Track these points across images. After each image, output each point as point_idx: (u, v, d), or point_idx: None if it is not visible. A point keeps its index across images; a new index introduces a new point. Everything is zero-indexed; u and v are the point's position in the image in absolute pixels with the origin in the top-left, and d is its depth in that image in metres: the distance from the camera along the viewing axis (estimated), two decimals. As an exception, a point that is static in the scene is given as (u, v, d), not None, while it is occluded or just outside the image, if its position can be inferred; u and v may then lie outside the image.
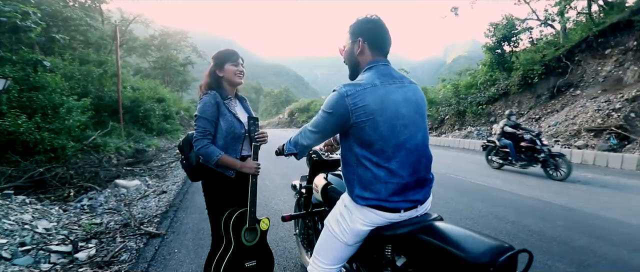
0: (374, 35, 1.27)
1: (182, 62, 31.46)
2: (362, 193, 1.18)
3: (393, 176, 1.16)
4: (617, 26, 12.37)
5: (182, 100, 29.61)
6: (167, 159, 8.45)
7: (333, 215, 1.33)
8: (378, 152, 1.16)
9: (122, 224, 3.29)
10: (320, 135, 1.28)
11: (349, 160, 1.23)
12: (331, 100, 1.19)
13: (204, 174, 1.78)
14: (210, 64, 1.80)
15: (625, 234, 3.10)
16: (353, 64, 1.33)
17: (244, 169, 1.70)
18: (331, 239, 1.31)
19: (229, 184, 1.76)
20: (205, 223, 3.28)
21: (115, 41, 11.55)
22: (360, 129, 1.15)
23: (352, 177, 1.22)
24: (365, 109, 1.14)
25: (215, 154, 1.65)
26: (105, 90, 10.84)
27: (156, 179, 5.98)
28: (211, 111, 1.67)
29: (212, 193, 1.78)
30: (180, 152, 1.86)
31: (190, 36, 33.16)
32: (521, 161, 6.67)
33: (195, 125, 1.69)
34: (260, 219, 1.80)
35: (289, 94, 72.16)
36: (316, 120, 1.26)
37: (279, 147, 1.53)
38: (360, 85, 1.17)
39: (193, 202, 4.17)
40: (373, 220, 1.20)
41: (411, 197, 1.19)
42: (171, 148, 10.69)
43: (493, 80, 16.28)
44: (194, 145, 1.68)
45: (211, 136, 1.69)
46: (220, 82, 1.77)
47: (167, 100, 15.12)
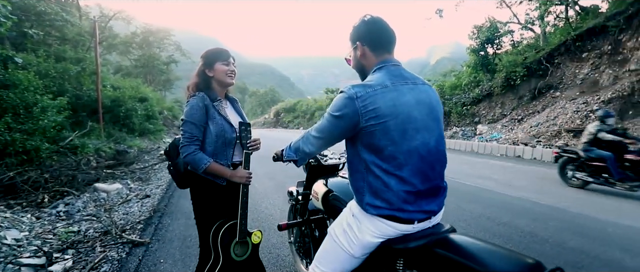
0: (372, 36, 1.21)
1: (166, 60, 30.70)
2: (373, 201, 1.10)
3: (405, 184, 1.08)
4: (593, 31, 12.86)
5: (166, 99, 28.82)
6: (150, 160, 8.15)
7: (339, 224, 1.24)
8: (388, 159, 1.08)
9: (102, 231, 3.09)
10: (325, 141, 1.18)
11: (358, 166, 1.15)
12: (339, 102, 1.10)
13: (192, 181, 1.65)
14: (199, 63, 1.67)
15: (613, 234, 3.16)
16: (360, 69, 1.27)
17: (234, 179, 1.58)
18: (336, 249, 1.22)
19: (219, 192, 1.63)
20: (193, 230, 3.12)
21: (94, 38, 11.06)
22: (370, 133, 1.07)
23: (361, 184, 1.14)
24: (376, 112, 1.06)
25: (203, 161, 1.52)
26: (83, 89, 10.37)
27: (139, 182, 5.72)
28: (199, 115, 1.55)
29: (201, 202, 1.65)
30: (167, 158, 1.73)
31: (173, 34, 32.36)
32: (629, 180, 4.76)
33: (182, 130, 1.56)
34: (251, 232, 1.67)
35: (275, 94, 71.67)
36: (321, 125, 1.17)
37: (277, 152, 1.43)
38: (370, 86, 1.09)
39: (179, 207, 3.99)
40: (384, 231, 1.11)
41: (425, 207, 1.11)
42: (154, 149, 10.34)
43: (477, 82, 16.62)
44: (180, 151, 1.55)
45: (199, 141, 1.56)
46: (210, 82, 1.65)
47: (149, 99, 14.64)
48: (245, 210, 1.59)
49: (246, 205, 1.60)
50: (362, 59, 1.23)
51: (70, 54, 11.20)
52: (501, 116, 14.28)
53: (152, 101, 14.85)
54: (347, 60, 1.32)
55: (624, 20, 11.88)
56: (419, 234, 1.10)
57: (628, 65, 11.36)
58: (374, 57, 1.21)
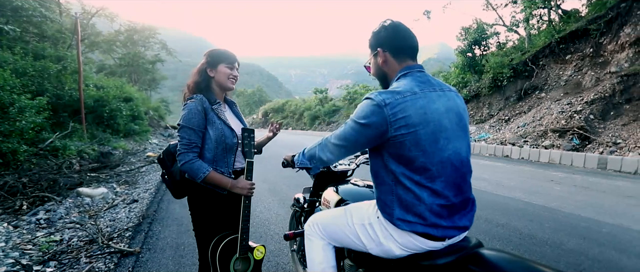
0: (393, 42, 1.15)
1: (151, 59, 29.99)
2: (405, 216, 1.03)
3: (438, 197, 1.01)
4: (576, 34, 13.24)
5: (151, 99, 28.15)
6: (137, 162, 7.88)
7: (360, 215, 1.18)
8: (420, 170, 1.01)
9: (87, 240, 2.91)
10: (347, 149, 1.10)
11: (385, 178, 1.07)
12: (365, 109, 1.02)
13: (190, 189, 1.53)
14: (201, 61, 1.56)
15: (606, 234, 3.19)
16: (381, 76, 1.21)
17: (235, 190, 1.47)
18: (345, 229, 1.20)
19: (220, 201, 1.52)
20: (186, 237, 2.99)
21: (75, 35, 10.65)
22: (400, 143, 1.00)
23: (389, 197, 1.06)
24: (406, 121, 0.99)
25: (201, 170, 1.41)
26: (64, 89, 9.97)
27: (125, 185, 5.50)
28: (197, 119, 1.43)
29: (200, 212, 1.53)
30: (161, 166, 1.60)
31: (159, 33, 31.64)
32: None
33: (179, 135, 1.45)
34: (254, 246, 1.55)
35: (263, 94, 71.16)
36: (344, 132, 1.09)
37: (287, 158, 1.34)
38: (399, 93, 1.02)
39: (169, 212, 3.82)
40: (412, 247, 1.04)
41: (459, 223, 1.04)
42: (140, 151, 10.03)
43: (465, 83, 16.87)
44: (178, 159, 1.43)
45: (198, 148, 1.45)
46: (210, 83, 1.55)
47: (134, 99, 14.24)
48: (247, 224, 1.48)
49: (248, 218, 1.49)
50: (384, 65, 1.17)
51: (50, 51, 10.75)
52: (489, 116, 14.53)
53: (137, 101, 14.45)
54: (366, 67, 1.27)
55: (604, 24, 12.28)
56: (447, 249, 1.04)
57: (609, 68, 11.74)
58: (396, 64, 1.15)
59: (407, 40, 1.15)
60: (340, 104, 31.25)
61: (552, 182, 5.83)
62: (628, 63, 11.12)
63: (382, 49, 1.16)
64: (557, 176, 6.52)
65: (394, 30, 1.15)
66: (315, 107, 34.02)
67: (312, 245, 1.32)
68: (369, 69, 1.27)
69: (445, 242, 1.05)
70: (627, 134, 9.19)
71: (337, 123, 28.90)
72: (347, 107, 28.41)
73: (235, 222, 1.54)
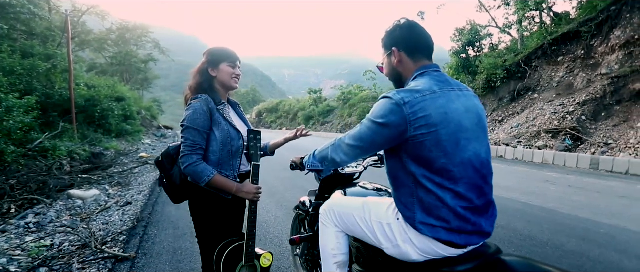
0: (409, 41, 1.12)
1: (144, 59, 29.58)
2: (427, 219, 0.99)
3: (461, 199, 0.98)
4: (568, 36, 13.43)
5: (144, 99, 27.78)
6: (130, 164, 7.72)
7: (377, 213, 1.14)
8: (441, 172, 0.97)
9: (80, 245, 2.82)
10: (363, 150, 1.06)
11: (404, 180, 1.03)
12: (383, 108, 0.98)
13: (192, 194, 1.47)
14: (201, 61, 1.50)
15: (605, 235, 3.20)
16: (395, 77, 1.17)
17: (240, 194, 1.41)
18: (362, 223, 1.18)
19: (225, 206, 1.46)
20: (183, 241, 2.91)
21: (66, 33, 10.42)
22: (419, 144, 0.96)
23: (410, 200, 1.02)
24: (426, 120, 0.95)
25: (206, 173, 1.34)
26: (54, 88, 9.76)
27: (118, 187, 5.37)
28: (203, 120, 1.37)
29: (203, 218, 1.47)
30: (160, 169, 1.52)
31: (152, 31, 31.24)
32: None
33: (183, 137, 1.38)
34: (260, 254, 1.49)
35: (257, 94, 70.90)
36: (360, 133, 1.04)
37: (296, 160, 1.29)
38: (418, 91, 0.98)
39: (165, 215, 3.73)
40: (431, 253, 1.01)
41: (483, 227, 1.01)
42: (133, 151, 9.85)
43: (458, 83, 17.01)
44: (181, 162, 1.37)
45: (202, 150, 1.38)
46: (213, 83, 1.48)
47: (127, 99, 14.03)
48: (253, 230, 1.42)
49: (254, 224, 1.43)
50: (399, 66, 1.14)
51: (39, 49, 10.51)
52: (482, 117, 14.67)
53: (129, 101, 14.24)
54: (379, 68, 1.24)
55: (595, 27, 12.48)
56: (467, 256, 1.00)
57: (600, 70, 11.92)
58: (412, 64, 1.12)
59: (422, 40, 1.12)
60: (335, 105, 31.24)
61: (547, 182, 5.87)
62: (618, 65, 11.30)
63: (397, 48, 1.13)
64: (552, 177, 6.58)
65: (410, 30, 1.12)
66: (310, 108, 33.97)
67: (326, 231, 1.31)
68: (382, 70, 1.24)
69: (466, 249, 1.01)
70: (618, 134, 9.34)
71: (331, 123, 28.88)
72: (342, 107, 28.42)
73: (240, 228, 1.48)
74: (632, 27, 11.11)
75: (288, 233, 3.09)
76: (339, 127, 25.16)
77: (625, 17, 11.69)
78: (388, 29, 1.17)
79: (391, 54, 1.15)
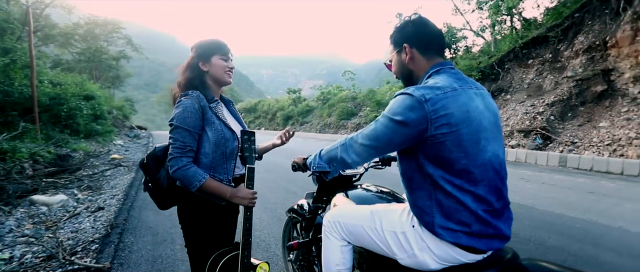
0: (422, 37, 1.07)
1: (115, 55, 28.12)
2: (446, 223, 0.93)
3: (481, 202, 0.93)
4: (537, 40, 14.14)
5: (115, 98, 26.46)
6: (101, 166, 7.28)
7: (389, 221, 1.07)
8: (461, 173, 0.92)
9: (45, 256, 2.57)
10: (377, 150, 0.99)
11: (421, 183, 0.97)
12: (402, 105, 0.92)
13: (182, 200, 1.35)
14: (191, 55, 1.38)
15: (580, 229, 3.35)
16: (406, 75, 1.12)
17: (235, 200, 1.30)
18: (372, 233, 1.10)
19: (217, 213, 1.35)
20: (163, 248, 2.74)
21: (27, 26, 9.68)
22: (439, 143, 0.91)
23: (427, 203, 0.97)
24: (448, 119, 0.90)
25: (197, 177, 1.23)
26: (14, 85, 9.03)
27: (88, 191, 5.03)
28: (194, 119, 1.25)
29: (194, 225, 1.35)
30: (145, 172, 1.39)
31: (124, 28, 29.76)
32: None
33: (171, 138, 1.26)
34: (256, 264, 1.39)
35: (234, 94, 69.55)
36: (375, 131, 0.97)
37: (297, 161, 1.21)
38: (439, 88, 0.93)
39: (142, 220, 3.51)
40: (450, 260, 0.96)
41: (503, 231, 0.97)
42: (104, 153, 9.32)
43: (436, 84, 17.48)
44: (169, 165, 1.25)
45: (193, 152, 1.27)
46: (204, 78, 1.37)
47: (97, 97, 13.29)
48: (249, 238, 1.32)
49: (250, 232, 1.32)
50: (410, 63, 1.08)
51: (-5, 43, 9.69)
52: (458, 117, 15.17)
53: (99, 99, 13.50)
54: (387, 65, 1.17)
55: (561, 32, 13.21)
56: (486, 261, 0.97)
57: (566, 72, 12.61)
58: (424, 61, 1.06)
59: (435, 36, 1.08)
60: (314, 105, 31.15)
61: (522, 180, 6.11)
62: (582, 68, 11.99)
63: (409, 45, 1.07)
64: (526, 174, 6.86)
65: (422, 26, 1.07)
66: (289, 108, 33.70)
67: (330, 244, 1.22)
68: (390, 67, 1.18)
69: (485, 254, 0.97)
70: (583, 134, 9.91)
71: (310, 123, 28.79)
72: (321, 107, 28.38)
73: (233, 236, 1.38)
74: (593, 33, 11.83)
75: (275, 237, 2.99)
76: (318, 127, 25.14)
77: (587, 24, 12.43)
78: (398, 25, 1.12)
79: (401, 50, 1.09)
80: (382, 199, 1.34)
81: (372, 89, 25.07)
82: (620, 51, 9.96)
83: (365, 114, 20.36)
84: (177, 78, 1.38)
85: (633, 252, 2.78)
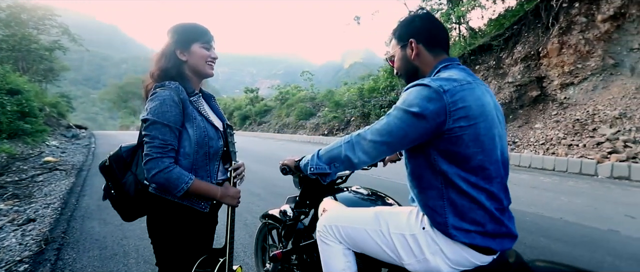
0: (429, 33, 1.03)
1: (48, 46, 24.95)
2: (460, 224, 0.89)
3: (494, 200, 0.91)
4: (483, 48, 15.39)
5: (48, 93, 23.51)
6: (30, 170, 6.36)
7: (397, 224, 1.01)
8: (476, 170, 0.89)
9: (-40, 281, 2.12)
10: (390, 147, 0.91)
11: (431, 181, 0.93)
12: (419, 96, 0.86)
13: (153, 207, 1.16)
14: (167, 41, 1.18)
15: (530, 222, 3.63)
16: (410, 70, 1.07)
17: (225, 199, 1.17)
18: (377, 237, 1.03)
19: (198, 220, 1.18)
20: (114, 264, 2.41)
21: None
22: (455, 138, 0.86)
23: (439, 203, 0.92)
24: (466, 112, 0.86)
25: (183, 179, 1.07)
26: None
27: (14, 200, 4.33)
28: (174, 113, 1.08)
29: (168, 238, 1.16)
30: (106, 177, 1.18)
31: (59, 15, 26.51)
32: None
33: (147, 135, 1.08)
34: (234, 269, 1.28)
35: (188, 92, 66.01)
36: (388, 125, 0.90)
37: (287, 163, 1.10)
38: (455, 80, 0.89)
39: (86, 232, 3.09)
40: (464, 263, 0.92)
41: (513, 230, 0.96)
42: (34, 155, 8.18)
43: (392, 86, 18.16)
44: (147, 168, 1.06)
45: (174, 151, 1.10)
46: (182, 69, 1.19)
47: (24, 92, 11.64)
48: (232, 240, 1.20)
49: (233, 235, 1.20)
50: (416, 59, 1.04)
51: None
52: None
53: (28, 94, 11.84)
54: (389, 61, 1.12)
55: (503, 41, 14.53)
56: (496, 264, 0.95)
57: (507, 78, 13.88)
58: (431, 57, 1.03)
59: (442, 32, 1.05)
60: (272, 104, 30.70)
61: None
62: (520, 75, 13.29)
63: (415, 40, 1.03)
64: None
65: (430, 21, 1.04)
66: (246, 107, 32.87)
67: (330, 250, 1.12)
68: (392, 63, 1.13)
69: (495, 255, 0.95)
70: (522, 134, 10.97)
71: (268, 123, 28.31)
72: (279, 107, 28.06)
73: (211, 243, 1.23)
74: (529, 44, 13.16)
75: (242, 243, 2.80)
76: (277, 127, 24.82)
77: (524, 35, 13.81)
78: (404, 20, 1.07)
79: (406, 45, 1.04)
80: (375, 203, 1.28)
81: (331, 90, 25.37)
82: (550, 61, 11.19)
83: (323, 114, 20.52)
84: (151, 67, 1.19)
85: (575, 240, 3.07)
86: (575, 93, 9.97)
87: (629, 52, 9.31)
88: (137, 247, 2.58)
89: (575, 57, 10.19)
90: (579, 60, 10.09)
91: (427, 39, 1.03)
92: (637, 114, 7.93)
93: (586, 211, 4.14)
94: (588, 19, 10.19)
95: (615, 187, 5.80)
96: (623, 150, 7.05)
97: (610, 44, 9.63)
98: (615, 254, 2.83)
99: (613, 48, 9.60)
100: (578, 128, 8.32)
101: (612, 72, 9.44)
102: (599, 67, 9.62)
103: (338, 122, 19.00)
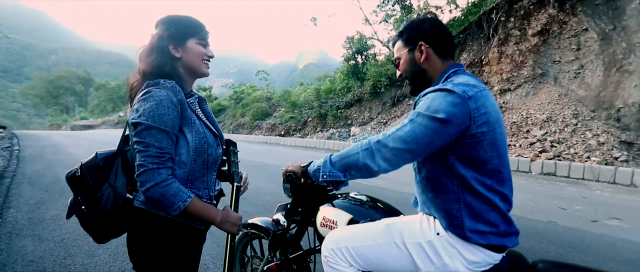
0: (439, 36, 1.03)
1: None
2: (476, 226, 0.90)
3: (506, 201, 0.95)
4: (432, 54, 16.48)
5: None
6: None
7: (410, 233, 0.98)
8: (492, 173, 0.91)
9: None
10: (413, 154, 0.89)
11: (447, 185, 0.93)
12: (444, 102, 0.85)
13: (139, 224, 0.99)
14: (158, 34, 1.02)
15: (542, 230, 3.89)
16: (417, 73, 1.05)
17: (225, 226, 1.03)
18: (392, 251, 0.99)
19: (191, 239, 1.05)
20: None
21: None
22: (476, 143, 0.88)
23: (455, 206, 0.92)
24: (487, 117, 0.88)
25: (180, 196, 0.92)
26: None
27: None
28: (172, 117, 0.94)
29: (159, 259, 1.00)
30: (75, 190, 1.00)
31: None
32: None
33: (141, 142, 0.92)
34: None
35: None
36: (413, 132, 0.87)
37: (293, 170, 1.03)
38: (474, 86, 0.90)
39: (16, 252, 2.62)
40: (481, 263, 0.93)
41: (517, 228, 1.00)
42: None
43: (349, 88, 18.59)
44: (141, 180, 0.91)
45: (172, 162, 0.95)
46: (176, 67, 1.03)
47: None
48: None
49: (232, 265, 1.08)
50: (425, 62, 1.03)
51: None
52: (370, 119, 16.42)
53: None
54: (394, 63, 1.10)
55: (450, 48, 15.73)
56: (507, 263, 0.98)
57: (453, 83, 15.02)
58: (439, 61, 1.03)
59: (449, 37, 1.07)
60: (226, 104, 29.58)
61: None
62: (464, 80, 14.53)
63: (425, 43, 1.02)
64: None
65: (439, 25, 1.05)
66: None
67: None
68: (398, 65, 1.11)
69: (503, 253, 0.98)
70: (467, 135, 11.96)
71: (222, 123, 27.22)
72: (234, 107, 27.12)
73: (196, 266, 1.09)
74: (473, 52, 14.36)
75: (211, 255, 2.60)
76: (231, 127, 23.98)
77: (469, 44, 15.04)
78: (411, 22, 1.06)
79: (415, 48, 1.03)
80: (377, 211, 1.24)
81: (288, 90, 25.21)
82: (491, 68, 12.31)
83: (280, 114, 20.31)
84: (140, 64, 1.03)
85: (525, 232, 3.35)
86: (511, 98, 11.08)
87: (552, 63, 10.62)
88: (86, 266, 2.24)
89: (512, 65, 11.35)
90: (515, 69, 11.25)
91: (436, 42, 1.03)
92: (560, 117, 9.07)
93: (528, 204, 4.59)
94: (521, 32, 11.42)
95: (547, 182, 6.56)
96: (550, 149, 8.00)
97: (539, 56, 10.89)
98: (558, 243, 3.18)
99: (541, 59, 10.87)
100: (515, 130, 9.25)
101: (540, 80, 10.68)
102: (530, 75, 10.82)
103: (295, 123, 18.92)
